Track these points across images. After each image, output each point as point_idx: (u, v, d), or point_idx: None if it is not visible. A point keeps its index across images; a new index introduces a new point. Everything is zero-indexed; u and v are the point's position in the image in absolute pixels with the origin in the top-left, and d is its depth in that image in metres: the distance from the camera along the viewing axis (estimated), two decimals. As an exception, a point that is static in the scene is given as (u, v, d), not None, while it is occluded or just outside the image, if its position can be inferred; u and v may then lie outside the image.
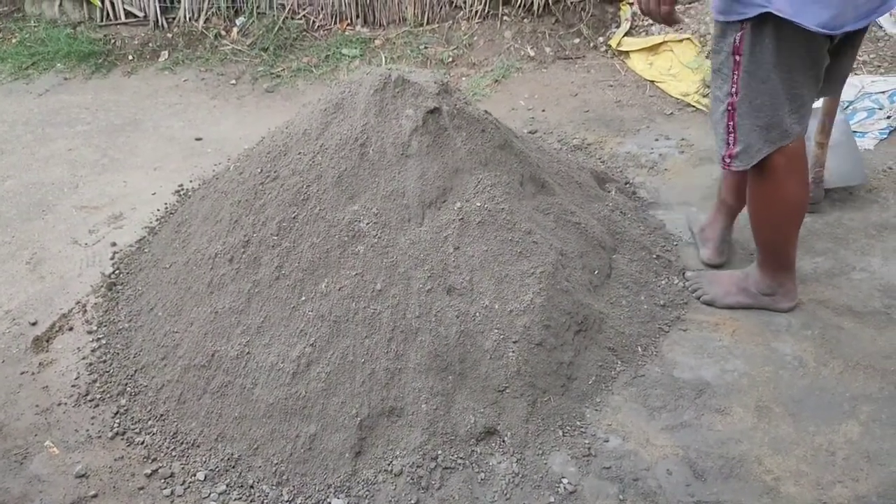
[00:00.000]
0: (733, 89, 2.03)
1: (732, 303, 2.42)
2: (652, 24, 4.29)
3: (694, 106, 3.70)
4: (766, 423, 2.05)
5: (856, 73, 3.67)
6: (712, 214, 2.64)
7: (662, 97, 3.85)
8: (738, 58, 1.99)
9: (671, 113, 3.69)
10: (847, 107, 3.47)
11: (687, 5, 4.25)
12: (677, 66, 3.98)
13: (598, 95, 3.92)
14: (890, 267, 2.56)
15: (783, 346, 2.28)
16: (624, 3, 4.47)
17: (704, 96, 3.72)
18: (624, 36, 4.27)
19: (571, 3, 4.45)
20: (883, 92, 3.52)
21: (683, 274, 2.53)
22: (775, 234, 2.26)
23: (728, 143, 2.11)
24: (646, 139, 3.46)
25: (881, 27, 3.90)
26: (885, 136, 3.30)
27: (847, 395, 2.11)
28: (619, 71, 4.13)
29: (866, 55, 3.75)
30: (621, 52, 4.23)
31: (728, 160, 2.13)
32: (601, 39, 4.38)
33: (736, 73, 2.00)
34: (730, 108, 2.06)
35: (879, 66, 3.70)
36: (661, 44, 4.10)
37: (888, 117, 3.37)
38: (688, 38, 4.05)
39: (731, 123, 2.07)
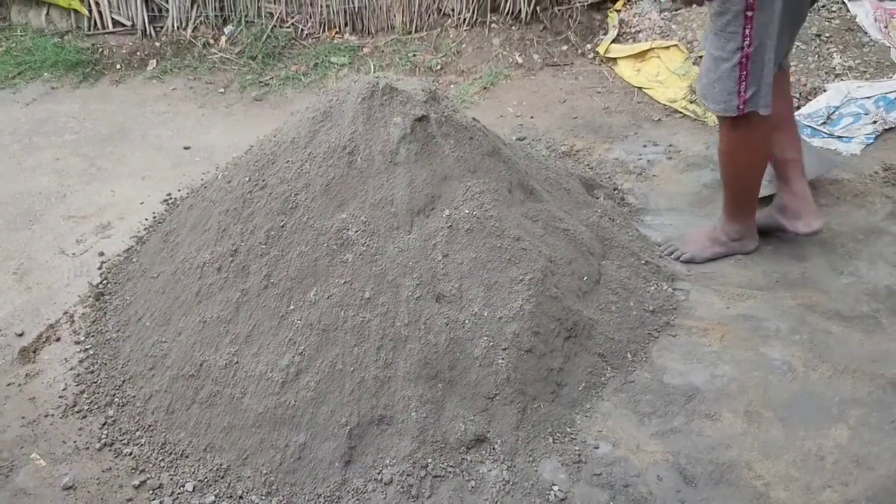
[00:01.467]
0: (745, 42, 2.18)
1: (710, 255, 2.62)
2: (639, 31, 4.31)
3: (681, 112, 3.72)
4: (755, 428, 2.05)
5: (841, 79, 3.69)
6: (783, 187, 2.66)
7: (650, 103, 3.86)
8: (749, 14, 2.14)
9: (659, 119, 3.71)
10: (833, 112, 3.49)
11: (674, 12, 4.28)
12: (664, 72, 4.00)
13: (586, 102, 3.93)
14: (877, 271, 2.57)
15: (772, 350, 2.28)
16: (611, 10, 4.49)
17: (692, 102, 3.74)
18: (611, 43, 4.29)
19: (559, 10, 4.47)
20: (868, 97, 3.54)
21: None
22: (754, 179, 2.52)
23: (740, 92, 2.26)
24: (634, 145, 3.48)
25: (866, 33, 3.93)
26: (872, 140, 3.33)
27: (836, 399, 2.12)
28: (607, 78, 4.15)
29: (851, 60, 3.78)
30: (609, 59, 4.25)
31: (743, 106, 2.28)
32: (589, 46, 4.39)
33: (748, 27, 2.16)
34: (743, 59, 2.21)
35: (865, 72, 3.73)
36: (648, 50, 4.12)
37: (874, 122, 3.40)
38: (675, 45, 4.07)
39: (745, 73, 2.23)
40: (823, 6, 4.04)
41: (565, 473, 1.95)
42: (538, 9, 4.45)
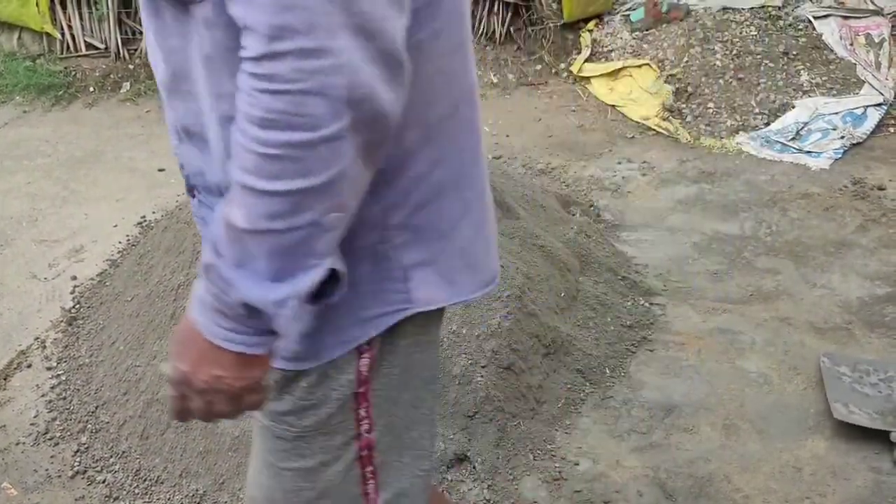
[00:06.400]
0: (363, 428, 1.23)
1: None
2: (612, 51, 4.36)
3: (655, 129, 3.77)
4: (733, 441, 2.06)
5: (809, 96, 3.76)
6: None
7: (623, 121, 3.91)
8: (362, 389, 1.20)
9: (632, 136, 3.75)
10: (802, 128, 3.56)
11: (645, 31, 4.34)
12: (637, 90, 4.05)
13: (560, 120, 3.97)
14: (849, 283, 2.61)
15: (748, 363, 2.30)
16: (584, 30, 4.55)
17: (665, 119, 3.79)
18: (585, 62, 4.34)
19: (533, 30, 4.52)
20: (836, 113, 3.61)
21: None
22: None
23: (368, 497, 1.25)
24: (608, 163, 3.51)
25: (833, 50, 4.01)
26: (840, 155, 3.39)
27: (811, 411, 2.13)
28: (581, 96, 4.19)
29: (819, 77, 3.86)
30: (583, 78, 4.30)
31: None
32: (563, 66, 4.44)
33: (362, 408, 1.22)
34: (363, 452, 1.23)
35: (832, 89, 3.80)
36: (621, 69, 4.18)
37: (842, 137, 3.47)
38: (647, 64, 4.13)
39: (370, 469, 1.25)
40: (790, 25, 4.12)
41: (546, 491, 1.94)
42: (512, 29, 4.50)
